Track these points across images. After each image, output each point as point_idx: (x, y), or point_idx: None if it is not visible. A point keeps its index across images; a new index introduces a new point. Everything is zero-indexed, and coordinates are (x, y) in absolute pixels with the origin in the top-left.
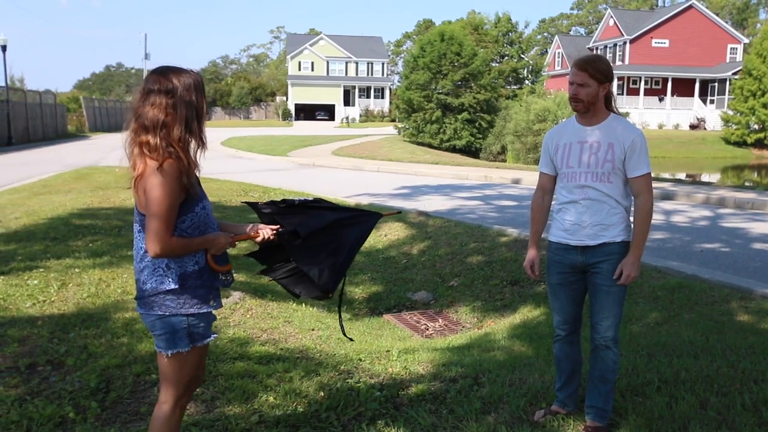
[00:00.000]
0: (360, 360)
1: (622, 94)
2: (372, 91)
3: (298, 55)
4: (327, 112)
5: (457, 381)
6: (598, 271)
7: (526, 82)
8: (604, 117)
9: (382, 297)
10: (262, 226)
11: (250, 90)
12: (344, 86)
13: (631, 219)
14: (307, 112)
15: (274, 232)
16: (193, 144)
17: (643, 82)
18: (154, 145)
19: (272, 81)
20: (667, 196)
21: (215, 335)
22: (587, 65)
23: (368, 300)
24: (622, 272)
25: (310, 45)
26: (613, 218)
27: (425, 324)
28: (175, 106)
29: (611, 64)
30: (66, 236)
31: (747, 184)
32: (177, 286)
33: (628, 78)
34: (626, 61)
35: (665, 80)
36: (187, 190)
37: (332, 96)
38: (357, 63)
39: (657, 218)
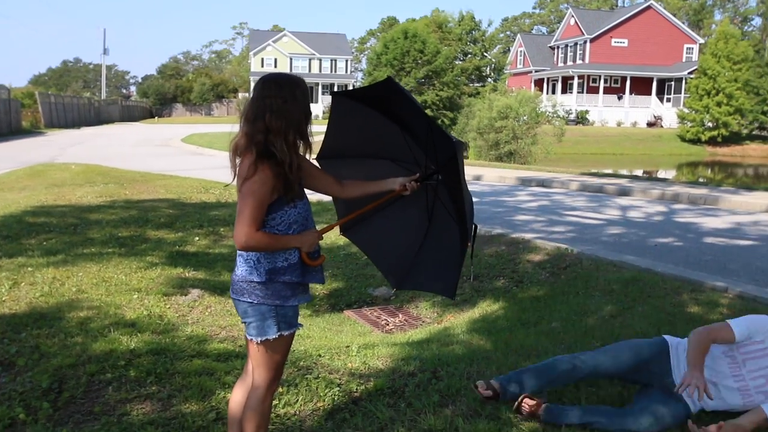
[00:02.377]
0: (319, 356)
1: (583, 92)
2: (335, 88)
3: (261, 51)
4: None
5: (415, 375)
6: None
7: (489, 79)
8: None
9: (343, 293)
10: (401, 179)
11: (212, 86)
12: (308, 83)
13: None
14: None
15: (416, 178)
16: (301, 147)
17: (602, 81)
18: (266, 149)
19: (234, 77)
20: (624, 192)
21: (301, 325)
22: None
23: (329, 296)
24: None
25: (274, 41)
26: None
27: (385, 319)
28: (290, 112)
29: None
30: (19, 234)
31: (701, 180)
32: (264, 279)
33: (588, 77)
34: (586, 60)
35: (624, 79)
36: (282, 190)
37: None
38: (321, 60)
39: (614, 213)
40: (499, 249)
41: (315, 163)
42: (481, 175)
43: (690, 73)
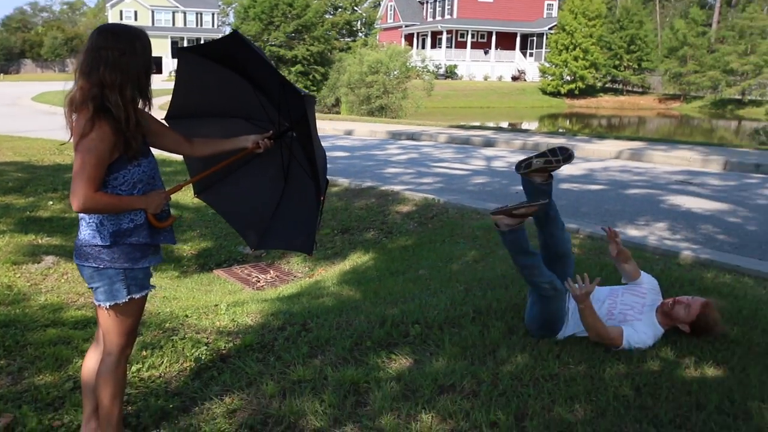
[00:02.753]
0: (186, 316)
1: (451, 47)
2: (202, 42)
3: (119, 3)
4: (154, 64)
5: (285, 329)
6: None
7: (360, 34)
8: (663, 324)
9: (212, 252)
10: (254, 137)
11: (65, 41)
12: (172, 38)
13: None
14: None
15: (269, 135)
16: (140, 103)
17: (470, 36)
18: (101, 105)
19: (90, 31)
20: (489, 144)
21: (153, 287)
22: (707, 310)
23: (197, 256)
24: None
25: None
26: None
27: (256, 276)
28: (128, 65)
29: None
30: None
31: (560, 130)
32: (109, 242)
33: (457, 31)
34: (455, 15)
35: (490, 34)
36: (123, 148)
37: (159, 48)
38: (185, 13)
39: (479, 164)
40: (369, 202)
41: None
42: (353, 130)
43: (551, 28)
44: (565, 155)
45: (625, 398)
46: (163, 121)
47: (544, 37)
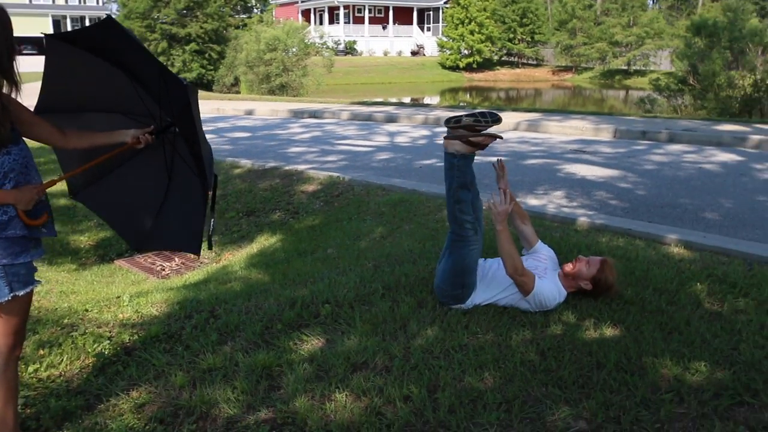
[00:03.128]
0: (86, 311)
1: (349, 23)
2: (87, 21)
3: None
4: (35, 45)
5: (192, 317)
6: None
7: (255, 10)
8: (567, 286)
9: (113, 242)
10: (134, 131)
11: None
12: (53, 16)
13: None
14: None
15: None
16: (5, 86)
17: (367, 11)
18: None
19: None
20: (392, 119)
21: (39, 282)
22: (605, 267)
23: (96, 247)
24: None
25: None
26: None
27: (161, 265)
28: None
29: None
30: None
31: (461, 104)
32: None
33: (354, 6)
34: None
35: (387, 9)
36: None
37: (39, 27)
38: None
39: (382, 140)
40: (273, 182)
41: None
42: (253, 110)
43: (446, 3)
44: (494, 118)
45: (531, 363)
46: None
47: (440, 11)
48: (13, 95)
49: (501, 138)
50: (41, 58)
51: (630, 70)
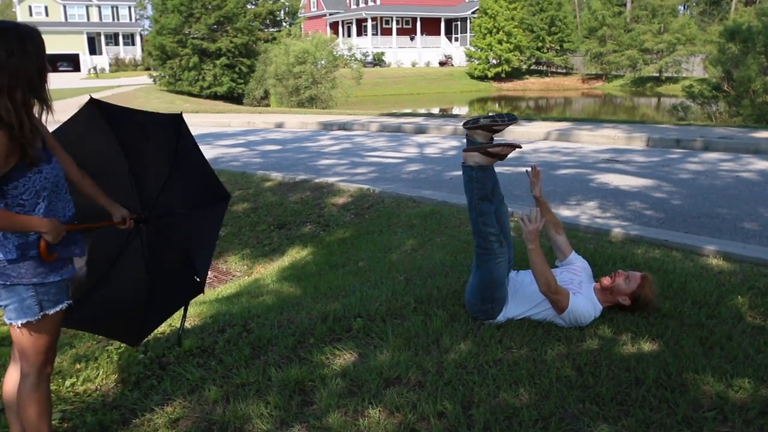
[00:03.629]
0: None
1: (377, 34)
2: (121, 37)
3: None
4: (71, 62)
5: (225, 331)
6: None
7: (284, 24)
8: (602, 301)
9: None
10: (126, 212)
11: None
12: (87, 33)
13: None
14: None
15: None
16: (37, 107)
17: (395, 22)
18: None
19: None
20: (421, 130)
21: (70, 301)
22: (646, 283)
23: None
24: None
25: None
26: None
27: None
28: (17, 67)
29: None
30: None
31: (490, 114)
32: (16, 256)
33: (381, 18)
34: (378, 2)
35: (414, 20)
36: (20, 154)
37: (75, 44)
38: (100, 7)
39: (412, 151)
40: (304, 195)
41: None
42: (283, 122)
43: (473, 12)
44: (511, 118)
45: (567, 379)
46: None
47: (468, 21)
48: (44, 115)
49: (520, 147)
50: (76, 75)
51: (662, 77)
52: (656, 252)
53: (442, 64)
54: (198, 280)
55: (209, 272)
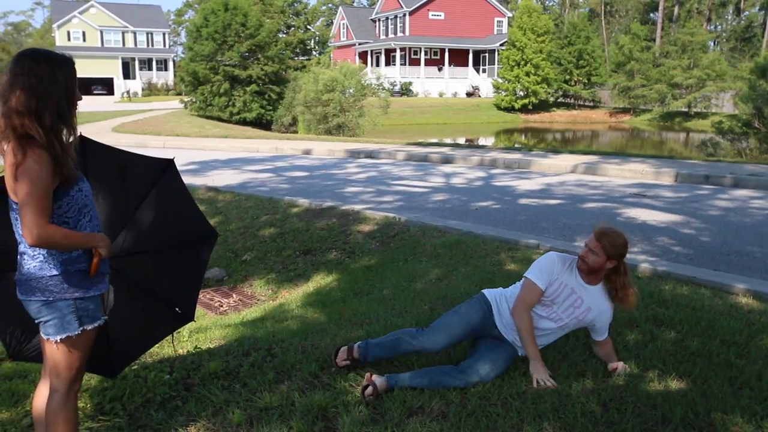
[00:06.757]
0: None
1: (405, 64)
2: (154, 63)
3: (67, 23)
4: (105, 86)
5: (250, 354)
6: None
7: (314, 53)
8: (598, 282)
9: None
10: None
11: None
12: (122, 58)
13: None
14: (81, 86)
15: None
16: (65, 132)
17: (423, 53)
18: (23, 132)
19: None
20: (448, 160)
21: (105, 317)
22: (603, 237)
23: None
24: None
25: (80, 13)
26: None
27: (219, 301)
28: (45, 92)
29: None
30: None
31: (516, 146)
32: (60, 271)
33: (410, 49)
34: (407, 33)
35: (443, 51)
36: (61, 173)
37: (109, 69)
38: (135, 33)
39: (438, 181)
40: (330, 222)
41: None
42: (311, 149)
43: (501, 45)
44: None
45: (592, 414)
46: None
47: (496, 53)
48: (70, 139)
49: None
50: (109, 98)
51: (690, 112)
52: (684, 289)
53: (469, 95)
54: (179, 311)
55: (234, 295)
